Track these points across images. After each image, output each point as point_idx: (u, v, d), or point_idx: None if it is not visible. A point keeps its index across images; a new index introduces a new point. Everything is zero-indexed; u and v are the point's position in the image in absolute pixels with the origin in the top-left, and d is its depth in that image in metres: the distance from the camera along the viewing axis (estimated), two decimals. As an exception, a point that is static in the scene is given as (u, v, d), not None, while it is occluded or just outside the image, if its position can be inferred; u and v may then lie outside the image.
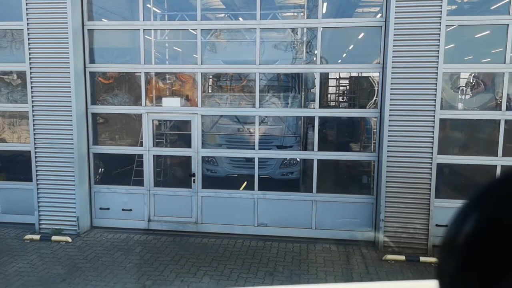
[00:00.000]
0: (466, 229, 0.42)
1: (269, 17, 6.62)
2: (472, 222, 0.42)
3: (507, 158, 5.97)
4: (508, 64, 5.81)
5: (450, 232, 0.44)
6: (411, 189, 5.93)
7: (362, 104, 6.86)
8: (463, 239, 0.42)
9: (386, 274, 5.36)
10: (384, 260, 5.73)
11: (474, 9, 6.16)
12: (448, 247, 0.44)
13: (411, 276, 5.27)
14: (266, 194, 6.60)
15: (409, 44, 5.72)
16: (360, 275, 5.32)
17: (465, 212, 0.44)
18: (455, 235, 0.43)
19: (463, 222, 0.43)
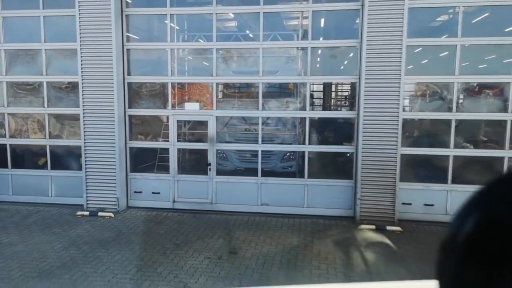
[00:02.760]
0: (467, 228, 0.42)
1: (270, 38, 8.31)
2: (473, 221, 0.42)
3: (457, 150, 7.55)
4: (457, 75, 7.41)
5: (450, 232, 0.44)
6: (381, 174, 7.53)
7: (348, 107, 8.47)
8: (463, 239, 0.42)
9: (359, 236, 6.96)
10: (359, 229, 7.33)
11: (431, 32, 7.74)
12: (449, 247, 0.44)
13: (377, 238, 6.85)
14: (268, 179, 8.25)
15: (378, 60, 7.33)
16: (338, 237, 6.93)
17: (466, 211, 0.43)
18: (455, 235, 0.43)
19: (463, 221, 0.43)
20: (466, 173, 7.65)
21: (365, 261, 5.96)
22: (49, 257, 6.00)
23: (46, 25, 8.45)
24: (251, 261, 5.96)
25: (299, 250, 6.36)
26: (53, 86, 8.73)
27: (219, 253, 6.24)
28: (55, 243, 6.56)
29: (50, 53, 8.61)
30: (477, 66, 7.57)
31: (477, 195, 0.44)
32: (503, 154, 7.40)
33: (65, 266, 5.70)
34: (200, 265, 5.78)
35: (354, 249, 6.44)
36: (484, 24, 7.51)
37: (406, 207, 7.73)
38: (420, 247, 6.45)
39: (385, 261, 5.98)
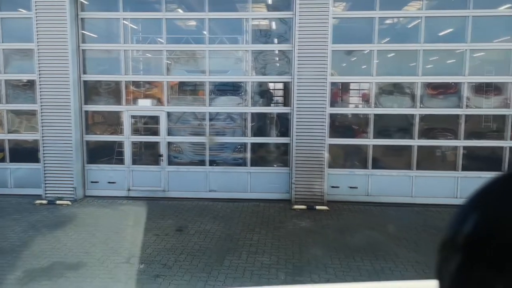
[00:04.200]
0: (467, 228, 0.42)
1: (217, 41, 9.25)
2: (473, 221, 0.42)
3: (375, 140, 8.82)
4: (374, 76, 8.67)
5: (450, 232, 0.44)
6: (312, 162, 8.67)
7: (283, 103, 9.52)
8: (463, 239, 0.42)
9: (291, 215, 8.06)
10: (293, 209, 8.44)
11: (353, 39, 8.96)
12: (448, 247, 0.44)
13: (305, 215, 7.97)
14: (214, 168, 9.21)
15: (308, 63, 8.44)
16: (274, 215, 7.99)
17: (466, 211, 0.43)
18: (455, 235, 0.43)
19: (463, 221, 0.43)
20: (383, 159, 8.95)
21: (291, 232, 7.05)
22: (10, 238, 6.65)
23: (4, 26, 8.95)
24: (194, 236, 6.89)
25: (237, 227, 7.36)
26: (11, 84, 9.22)
27: (166, 231, 7.12)
28: (15, 227, 7.19)
29: (8, 52, 9.10)
30: (390, 69, 8.87)
31: (477, 194, 0.43)
32: (413, 143, 8.75)
33: (25, 245, 6.39)
34: (149, 240, 6.64)
35: (283, 224, 7.52)
36: (395, 32, 8.81)
37: (334, 190, 8.93)
38: (339, 221, 7.64)
39: (307, 231, 7.10)
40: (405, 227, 7.36)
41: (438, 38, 8.60)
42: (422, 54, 8.46)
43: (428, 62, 8.63)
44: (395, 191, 8.79)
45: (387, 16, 8.64)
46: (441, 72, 8.73)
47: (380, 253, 6.10)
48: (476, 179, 8.60)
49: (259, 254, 6.12)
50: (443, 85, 8.82)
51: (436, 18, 8.54)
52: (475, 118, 8.70)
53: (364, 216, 7.99)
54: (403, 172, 8.82)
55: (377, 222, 7.62)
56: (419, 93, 8.64)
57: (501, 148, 8.60)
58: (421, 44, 8.42)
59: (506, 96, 8.53)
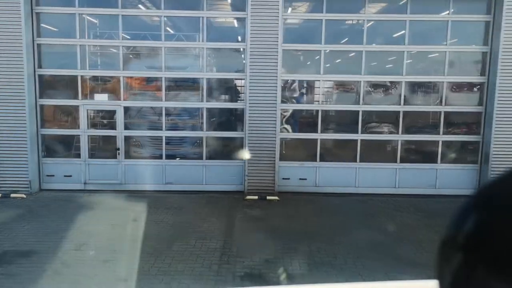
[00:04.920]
0: (467, 228, 0.42)
1: (174, 38, 9.56)
2: (474, 221, 0.42)
3: (324, 134, 9.43)
4: (322, 74, 9.26)
5: (450, 232, 0.44)
6: (264, 155, 9.16)
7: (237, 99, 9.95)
8: (464, 239, 0.42)
9: (243, 205, 8.53)
10: (245, 199, 8.90)
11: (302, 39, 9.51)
12: (449, 247, 0.44)
13: (259, 205, 8.45)
14: (171, 161, 9.52)
15: (260, 61, 8.90)
16: (226, 205, 8.42)
17: (466, 211, 0.43)
18: (455, 235, 0.43)
19: (464, 221, 0.42)
20: (330, 152, 9.58)
21: (240, 220, 7.51)
22: (-40, 230, 6.72)
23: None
24: (147, 225, 7.19)
25: (189, 216, 7.74)
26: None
27: (120, 221, 7.38)
28: (-33, 219, 7.24)
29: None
30: (337, 68, 9.51)
31: (477, 194, 0.44)
32: (357, 137, 9.42)
33: (-23, 236, 6.49)
34: (102, 230, 6.89)
35: (234, 213, 7.97)
36: (341, 33, 9.44)
37: (285, 181, 9.47)
38: (286, 210, 8.19)
39: (255, 219, 7.59)
40: (344, 214, 7.99)
41: (380, 40, 9.30)
42: (365, 55, 9.12)
43: (371, 62, 9.31)
44: (341, 182, 9.44)
45: (334, 19, 9.22)
46: (382, 71, 9.45)
47: (318, 237, 6.67)
48: (413, 170, 9.42)
49: (207, 240, 6.54)
50: (384, 84, 9.55)
51: (378, 21, 9.23)
52: (413, 114, 9.48)
53: (310, 205, 8.57)
54: (348, 164, 9.48)
55: (321, 210, 8.22)
56: (363, 91, 9.32)
57: (435, 141, 9.43)
58: (364, 45, 9.09)
59: (440, 94, 9.35)
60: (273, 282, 5.14)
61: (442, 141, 9.38)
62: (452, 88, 9.38)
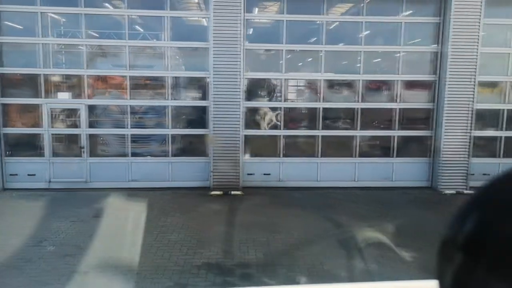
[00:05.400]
0: (468, 228, 0.42)
1: (139, 37, 9.67)
2: (474, 221, 0.42)
3: (285, 131, 9.77)
4: (283, 73, 9.60)
5: (451, 232, 0.44)
6: (229, 151, 9.41)
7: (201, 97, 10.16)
8: (464, 239, 0.42)
9: (207, 200, 8.76)
10: (210, 195, 9.14)
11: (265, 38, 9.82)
12: (449, 247, 0.44)
13: (223, 200, 8.70)
14: (137, 159, 9.64)
15: (223, 60, 9.14)
16: (191, 201, 8.63)
17: (467, 211, 0.44)
18: (456, 235, 0.43)
19: (464, 221, 0.43)
20: (293, 148, 9.94)
21: (202, 214, 7.74)
22: None
23: None
24: (110, 221, 7.33)
25: (153, 212, 7.90)
26: None
27: (83, 218, 7.48)
28: None
29: None
30: (297, 66, 9.87)
31: (477, 194, 0.44)
32: (317, 133, 9.81)
33: None
34: (64, 226, 6.98)
35: (197, 208, 8.19)
36: (301, 34, 9.80)
37: (250, 177, 9.76)
38: (248, 204, 8.49)
39: (217, 212, 7.84)
40: (303, 207, 8.36)
41: (338, 41, 9.72)
42: (324, 54, 9.52)
43: (330, 62, 9.72)
44: (303, 176, 9.81)
45: (295, 19, 9.56)
46: (341, 70, 9.89)
47: (274, 227, 6.99)
48: (371, 164, 9.91)
49: (169, 233, 6.74)
50: (343, 82, 9.99)
51: (336, 23, 9.65)
52: (369, 111, 9.96)
53: (272, 199, 8.90)
54: (310, 160, 9.87)
55: (281, 203, 8.56)
56: (323, 89, 9.73)
57: (391, 137, 9.94)
58: (324, 45, 9.48)
59: (395, 92, 9.86)
60: (227, 269, 5.41)
61: (397, 136, 9.91)
62: (406, 86, 9.92)
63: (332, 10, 9.75)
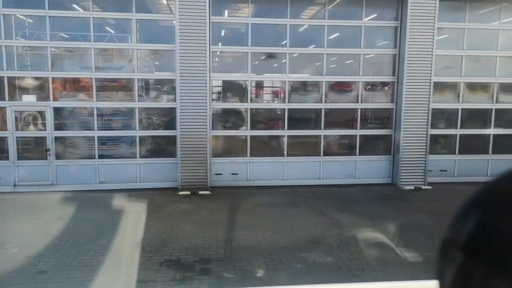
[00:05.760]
0: (468, 228, 0.42)
1: (106, 39, 9.70)
2: (474, 221, 0.42)
3: (252, 132, 10.02)
4: (249, 73, 9.84)
5: (451, 232, 0.44)
6: (197, 152, 9.57)
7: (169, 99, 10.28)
8: (464, 239, 0.42)
9: (174, 200, 8.89)
10: (178, 195, 9.28)
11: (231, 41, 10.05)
12: (449, 247, 0.44)
13: (191, 199, 8.85)
14: (105, 161, 9.67)
15: (189, 62, 9.30)
16: (158, 201, 8.74)
17: (467, 211, 0.43)
18: (456, 235, 0.43)
19: (464, 221, 0.43)
20: (258, 147, 10.19)
21: (168, 214, 7.88)
22: None
23: None
24: (75, 223, 7.37)
25: (120, 213, 7.98)
26: None
27: (48, 220, 7.48)
28: None
29: None
30: (264, 68, 10.15)
31: (478, 194, 0.43)
32: (284, 133, 10.11)
33: None
34: (29, 229, 6.98)
35: (164, 208, 8.31)
36: (266, 36, 10.07)
37: (218, 177, 9.95)
38: (215, 203, 8.68)
39: (184, 212, 8.00)
40: (268, 204, 8.62)
41: (302, 43, 10.04)
42: (289, 56, 9.83)
43: (294, 63, 10.03)
44: (271, 175, 10.08)
45: (260, 23, 9.83)
46: (305, 72, 10.22)
47: (238, 225, 7.21)
48: (335, 162, 10.27)
49: (135, 234, 6.85)
50: (307, 84, 10.32)
51: (300, 26, 9.98)
52: (333, 111, 10.32)
53: (239, 197, 9.12)
54: (277, 159, 10.15)
55: (247, 202, 8.79)
56: (287, 90, 10.02)
57: (354, 136, 10.34)
58: (288, 48, 9.79)
59: (357, 93, 10.26)
60: (188, 265, 5.59)
61: (360, 135, 10.31)
62: (367, 87, 10.35)
63: (296, 14, 10.05)
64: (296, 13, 10.00)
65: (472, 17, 10.14)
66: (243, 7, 9.85)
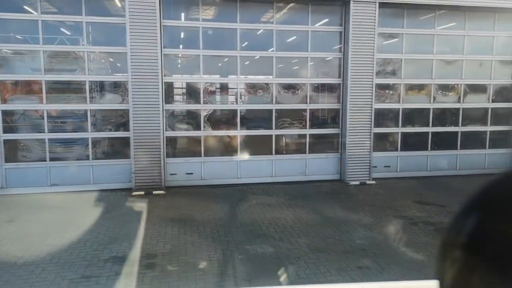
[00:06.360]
0: (468, 228, 0.42)
1: (56, 42, 9.68)
2: (474, 221, 0.42)
3: (206, 132, 10.31)
4: (202, 75, 10.13)
5: (451, 232, 0.44)
6: (151, 153, 9.74)
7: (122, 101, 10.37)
8: (464, 239, 0.43)
9: (128, 200, 9.03)
10: (132, 195, 9.41)
11: (184, 44, 10.31)
12: (449, 247, 0.44)
13: (145, 199, 9.01)
14: (57, 163, 9.64)
15: (141, 64, 9.46)
16: (112, 202, 8.85)
17: (467, 211, 0.44)
18: (456, 235, 0.43)
19: (465, 221, 0.43)
20: (213, 147, 10.50)
21: (121, 214, 8.03)
22: None
23: None
24: (24, 225, 7.38)
25: (71, 214, 8.04)
26: None
27: (-5, 223, 7.45)
28: None
29: None
30: (216, 70, 10.47)
31: (478, 194, 0.43)
32: (236, 133, 10.47)
33: None
34: (-27, 232, 6.93)
35: (117, 208, 8.45)
36: (218, 40, 10.41)
37: (173, 177, 10.16)
38: (169, 202, 8.91)
39: (136, 211, 8.18)
40: (221, 202, 8.94)
41: (252, 46, 10.46)
42: (240, 59, 10.20)
43: (245, 66, 10.42)
44: (225, 174, 10.41)
45: (211, 26, 10.16)
46: (256, 74, 10.63)
47: (189, 222, 7.49)
48: (287, 160, 10.74)
49: (84, 233, 6.97)
50: (257, 85, 10.74)
51: (250, 30, 10.38)
52: (284, 112, 10.79)
53: (193, 196, 9.38)
54: (231, 158, 10.49)
55: (201, 200, 9.07)
56: (240, 92, 10.40)
57: (304, 135, 10.86)
58: (239, 51, 10.16)
59: (305, 94, 10.78)
60: (132, 260, 5.81)
61: (309, 134, 10.85)
62: (316, 88, 10.90)
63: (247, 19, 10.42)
64: (247, 18, 10.38)
65: (410, 23, 10.93)
66: (195, 11, 10.12)
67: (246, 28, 10.27)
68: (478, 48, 11.46)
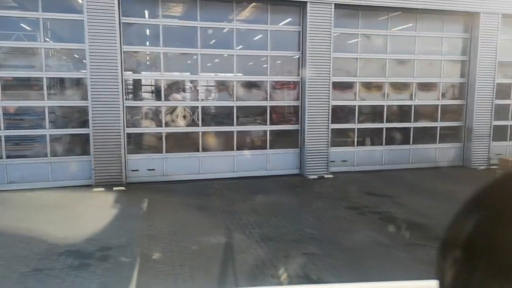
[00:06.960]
0: (468, 228, 0.42)
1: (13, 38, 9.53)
2: (474, 221, 0.42)
3: (167, 128, 10.43)
4: (163, 73, 10.25)
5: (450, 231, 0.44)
6: (111, 149, 9.77)
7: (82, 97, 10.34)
8: (464, 238, 0.43)
9: (88, 196, 9.05)
10: (92, 192, 9.43)
11: (145, 41, 10.40)
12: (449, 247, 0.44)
13: (104, 195, 9.06)
14: (14, 160, 9.52)
15: (101, 62, 9.47)
16: (71, 199, 8.85)
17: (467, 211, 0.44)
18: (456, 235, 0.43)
19: (464, 221, 0.43)
20: (174, 144, 10.65)
21: (79, 210, 8.07)
22: None
23: None
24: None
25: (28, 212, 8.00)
26: None
27: None
28: None
29: None
30: (176, 68, 10.62)
31: (477, 194, 0.43)
32: (198, 129, 10.66)
33: None
34: None
35: (76, 204, 8.47)
36: (179, 37, 10.56)
37: (134, 173, 10.23)
38: (127, 197, 9.00)
39: (95, 207, 8.24)
40: (182, 197, 9.14)
41: (213, 44, 10.67)
42: (200, 57, 10.39)
43: (206, 63, 10.62)
44: (187, 170, 10.58)
45: (171, 24, 10.28)
46: (217, 71, 10.86)
47: (147, 216, 7.64)
48: (248, 156, 11.03)
49: (38, 228, 6.98)
50: (219, 82, 10.98)
51: (211, 28, 10.59)
52: (245, 108, 11.07)
53: (154, 192, 9.50)
54: (192, 154, 10.67)
55: (162, 195, 9.22)
56: (201, 89, 10.59)
57: (264, 131, 11.19)
58: (199, 49, 10.34)
59: (265, 91, 11.10)
60: (88, 253, 5.92)
61: (270, 130, 11.18)
62: (276, 86, 11.24)
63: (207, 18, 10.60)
64: (207, 17, 10.56)
65: (365, 24, 11.45)
66: (156, 9, 10.21)
67: (206, 27, 10.47)
68: (428, 49, 12.14)
